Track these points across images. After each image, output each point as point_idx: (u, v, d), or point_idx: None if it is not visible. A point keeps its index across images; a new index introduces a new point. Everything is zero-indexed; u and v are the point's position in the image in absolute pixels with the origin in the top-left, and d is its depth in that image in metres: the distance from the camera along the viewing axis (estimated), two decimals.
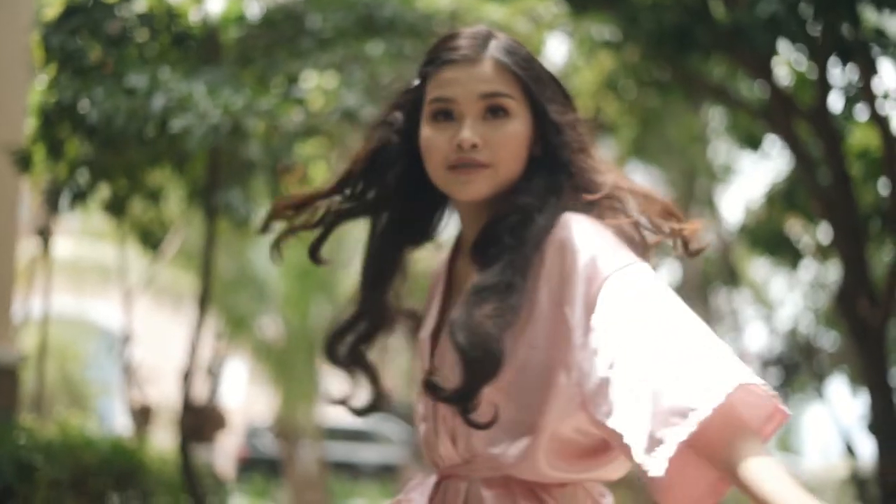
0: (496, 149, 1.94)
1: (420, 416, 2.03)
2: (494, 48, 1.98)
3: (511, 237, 1.91)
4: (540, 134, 2.00)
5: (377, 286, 2.12)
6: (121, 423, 15.26)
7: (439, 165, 1.96)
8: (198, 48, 5.47)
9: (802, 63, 9.23)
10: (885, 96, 8.17)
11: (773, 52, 8.20)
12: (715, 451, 1.71)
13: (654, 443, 1.72)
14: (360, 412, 2.12)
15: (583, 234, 1.90)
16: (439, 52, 2.00)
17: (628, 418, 1.76)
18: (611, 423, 1.79)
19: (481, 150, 1.93)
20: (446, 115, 1.96)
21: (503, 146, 1.94)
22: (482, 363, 1.82)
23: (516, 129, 1.96)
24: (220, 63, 5.37)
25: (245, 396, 25.85)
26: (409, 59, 5.41)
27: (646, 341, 1.78)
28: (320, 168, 5.98)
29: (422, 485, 2.01)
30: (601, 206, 1.99)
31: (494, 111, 1.95)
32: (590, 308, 1.85)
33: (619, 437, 1.77)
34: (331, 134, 5.71)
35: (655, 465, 1.71)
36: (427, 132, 1.98)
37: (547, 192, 1.96)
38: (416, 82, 2.05)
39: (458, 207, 2.07)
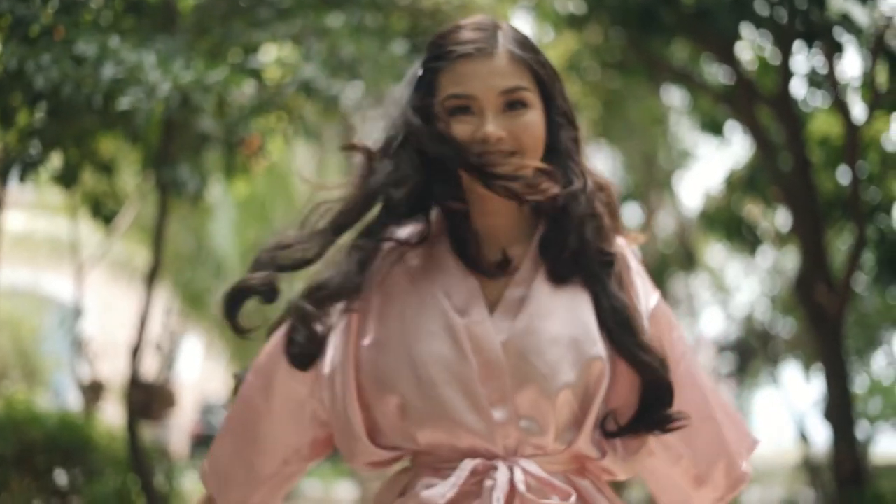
0: (521, 137, 1.96)
1: (486, 399, 1.93)
2: (506, 40, 2.00)
3: (600, 253, 2.03)
4: (548, 125, 2.03)
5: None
6: (74, 399, 15.13)
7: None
8: (153, 16, 5.33)
9: (766, 48, 9.22)
10: (847, 85, 8.16)
11: (737, 35, 8.17)
12: None
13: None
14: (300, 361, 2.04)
15: (629, 251, 2.12)
16: (448, 46, 1.99)
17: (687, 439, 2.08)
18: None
19: (506, 141, 1.95)
20: (464, 110, 1.97)
21: (527, 134, 1.97)
22: (671, 385, 2.00)
23: (535, 119, 1.99)
24: (176, 32, 5.23)
25: (201, 373, 25.70)
26: (370, 32, 5.32)
27: (691, 376, 2.10)
28: (277, 142, 5.87)
29: (461, 469, 1.93)
30: None
31: (513, 104, 1.97)
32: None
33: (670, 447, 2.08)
34: (288, 107, 5.60)
35: None
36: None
37: (588, 191, 2.05)
38: (420, 73, 2.04)
39: (478, 197, 2.04)
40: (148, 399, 6.47)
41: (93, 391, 8.65)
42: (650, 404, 1.99)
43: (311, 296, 2.01)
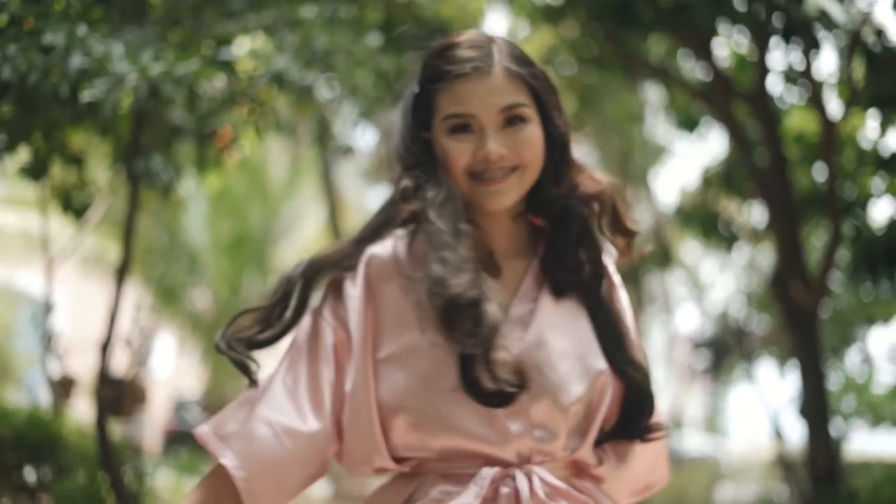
0: (521, 151, 2.01)
1: (503, 412, 1.98)
2: (501, 56, 2.03)
3: (595, 268, 2.13)
4: (545, 137, 2.08)
5: None
6: (47, 396, 15.02)
7: (462, 173, 2.03)
8: (122, 6, 5.24)
9: (743, 44, 9.19)
10: (822, 83, 8.14)
11: (714, 30, 8.13)
12: None
13: None
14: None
15: (612, 264, 2.21)
16: (445, 66, 2.03)
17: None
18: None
19: (507, 157, 2.01)
20: (464, 128, 2.02)
21: (527, 147, 2.02)
22: (653, 397, 2.13)
23: (535, 132, 2.03)
24: (146, 23, 5.14)
25: (174, 369, 25.57)
26: (344, 24, 5.25)
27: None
28: (250, 135, 5.78)
29: (481, 478, 1.99)
30: None
31: (512, 120, 2.01)
32: None
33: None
34: (260, 99, 5.52)
35: None
36: (447, 144, 2.03)
37: (582, 205, 2.12)
38: (416, 91, 2.08)
39: (475, 212, 2.08)
40: (118, 395, 6.38)
41: (63, 387, 8.54)
42: (634, 414, 2.10)
43: (484, 336, 1.94)
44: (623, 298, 2.20)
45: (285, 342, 2.13)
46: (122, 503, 6.07)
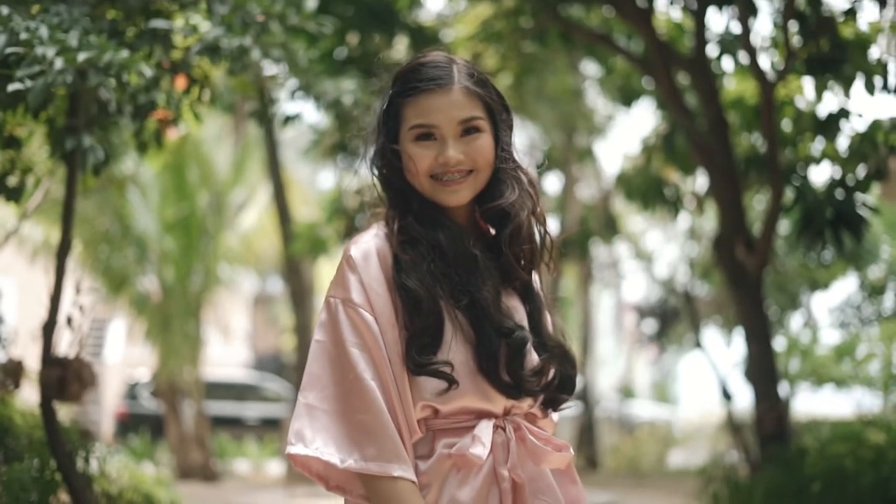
0: (475, 157, 2.41)
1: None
2: (461, 76, 2.42)
3: (530, 261, 2.51)
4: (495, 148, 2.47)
5: None
6: None
7: (424, 175, 2.40)
8: None
9: (678, 12, 9.23)
10: (758, 47, 8.19)
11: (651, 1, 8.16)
12: None
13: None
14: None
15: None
16: (412, 82, 2.41)
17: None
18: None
19: (464, 162, 2.40)
20: (427, 136, 2.40)
21: (480, 155, 2.41)
22: (575, 380, 2.52)
23: (487, 142, 2.43)
24: (73, 3, 5.05)
25: (125, 353, 25.42)
26: None
27: None
28: (187, 109, 5.71)
29: (486, 428, 2.38)
30: None
31: (469, 131, 2.41)
32: None
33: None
34: (197, 75, 5.48)
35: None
36: (412, 150, 2.40)
37: (525, 208, 2.49)
38: (385, 103, 2.46)
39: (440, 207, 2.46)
40: (62, 376, 6.33)
41: (11, 374, 8.46)
42: (558, 391, 2.50)
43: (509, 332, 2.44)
44: (542, 293, 2.58)
45: None
46: (72, 488, 6.02)
